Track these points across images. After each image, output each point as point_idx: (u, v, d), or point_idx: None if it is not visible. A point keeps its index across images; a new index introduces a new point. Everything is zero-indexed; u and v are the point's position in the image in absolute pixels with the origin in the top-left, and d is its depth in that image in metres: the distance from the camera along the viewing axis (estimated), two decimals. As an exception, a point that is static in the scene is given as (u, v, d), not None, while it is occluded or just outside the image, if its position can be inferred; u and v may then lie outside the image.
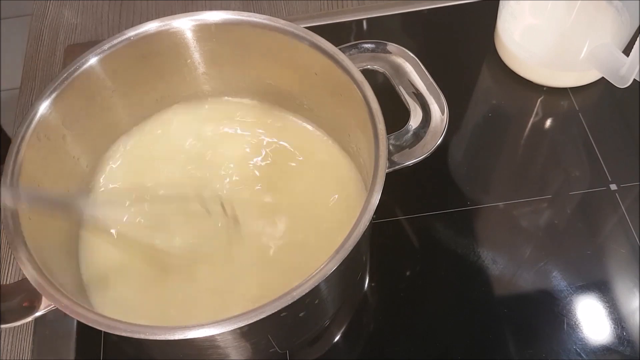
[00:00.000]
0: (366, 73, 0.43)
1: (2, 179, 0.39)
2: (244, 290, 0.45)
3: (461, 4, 0.66)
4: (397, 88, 0.46)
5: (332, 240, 0.38)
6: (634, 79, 0.51)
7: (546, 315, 0.48)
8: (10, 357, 0.49)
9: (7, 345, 0.49)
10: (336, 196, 0.48)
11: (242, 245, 0.46)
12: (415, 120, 0.44)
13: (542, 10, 0.57)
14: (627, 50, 0.52)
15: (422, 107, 0.44)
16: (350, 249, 0.35)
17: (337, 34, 0.66)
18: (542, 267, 0.50)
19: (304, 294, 0.34)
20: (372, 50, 0.47)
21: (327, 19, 0.66)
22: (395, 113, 0.43)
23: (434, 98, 0.44)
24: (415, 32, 0.66)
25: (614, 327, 0.47)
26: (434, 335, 0.48)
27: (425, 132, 0.43)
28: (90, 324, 0.35)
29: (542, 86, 0.59)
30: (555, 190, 0.54)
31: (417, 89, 0.45)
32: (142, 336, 0.34)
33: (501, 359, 0.46)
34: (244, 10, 0.46)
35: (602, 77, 0.55)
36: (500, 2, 0.59)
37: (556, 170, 0.55)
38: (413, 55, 0.47)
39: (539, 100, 0.59)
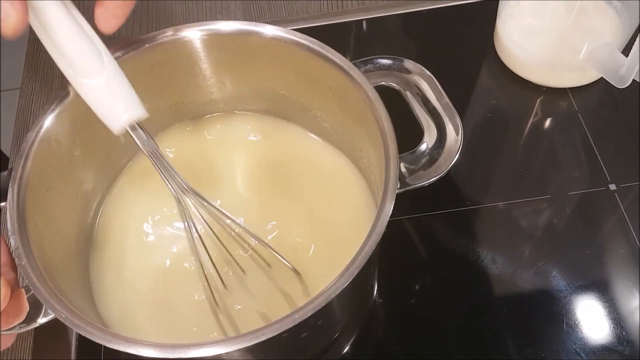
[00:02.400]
0: (381, 89, 0.43)
1: (10, 183, 0.39)
2: (253, 304, 0.45)
3: (461, 4, 0.66)
4: (411, 106, 0.45)
5: (338, 258, 0.38)
6: (634, 79, 0.51)
7: (546, 315, 0.48)
8: (10, 357, 0.49)
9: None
10: (345, 212, 0.48)
11: (250, 260, 0.46)
12: (429, 141, 0.43)
13: (542, 10, 0.57)
14: (626, 50, 0.52)
15: (437, 126, 0.43)
16: (351, 277, 0.34)
17: (338, 34, 0.66)
18: (541, 267, 0.50)
19: (305, 317, 0.33)
20: (388, 67, 0.46)
21: (327, 19, 0.66)
22: (409, 130, 0.43)
23: (449, 118, 0.43)
24: (415, 32, 0.66)
25: (614, 327, 0.47)
26: (434, 334, 0.48)
27: (439, 154, 0.42)
28: (89, 337, 0.34)
29: (542, 86, 0.60)
30: (555, 190, 0.54)
31: (432, 108, 0.44)
32: (142, 353, 0.33)
33: (501, 359, 0.46)
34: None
35: (602, 77, 0.55)
36: (500, 2, 0.59)
37: (556, 170, 0.55)
38: (429, 74, 0.46)
39: (538, 100, 0.59)
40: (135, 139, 0.40)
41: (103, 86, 0.39)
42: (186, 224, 0.41)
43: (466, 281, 0.50)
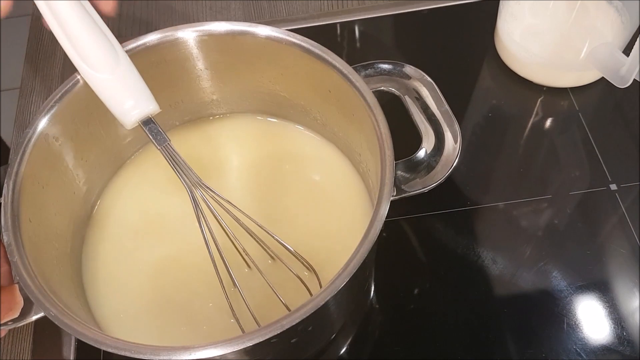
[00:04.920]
0: (382, 94, 0.42)
1: (5, 180, 0.39)
2: (261, 300, 0.44)
3: (461, 4, 0.66)
4: (410, 112, 0.45)
5: (336, 260, 0.38)
6: (634, 79, 0.51)
7: (546, 315, 0.48)
8: (10, 357, 0.49)
9: (7, 345, 0.49)
10: (345, 214, 0.48)
11: (258, 257, 0.45)
12: (427, 147, 0.43)
13: (542, 10, 0.57)
14: (627, 50, 0.52)
15: (435, 133, 0.43)
16: (341, 285, 0.34)
17: (338, 34, 0.66)
18: (542, 267, 0.50)
19: (293, 324, 0.33)
20: (389, 72, 0.46)
21: (327, 19, 0.66)
22: (408, 136, 0.43)
23: (448, 126, 0.43)
24: (416, 32, 0.66)
25: (614, 327, 0.47)
26: (434, 334, 0.48)
27: (436, 162, 0.42)
28: (77, 336, 0.34)
29: (542, 86, 0.59)
30: (555, 190, 0.54)
31: (431, 115, 0.44)
32: (126, 354, 0.33)
33: (501, 359, 0.46)
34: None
35: (602, 77, 0.55)
36: (500, 2, 0.59)
37: (556, 170, 0.55)
38: (430, 80, 0.46)
39: (539, 100, 0.59)
40: (148, 133, 0.41)
41: (116, 81, 0.40)
42: (200, 220, 0.41)
43: (466, 281, 0.50)
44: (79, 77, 0.42)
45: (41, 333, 0.49)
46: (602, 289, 0.49)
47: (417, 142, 0.43)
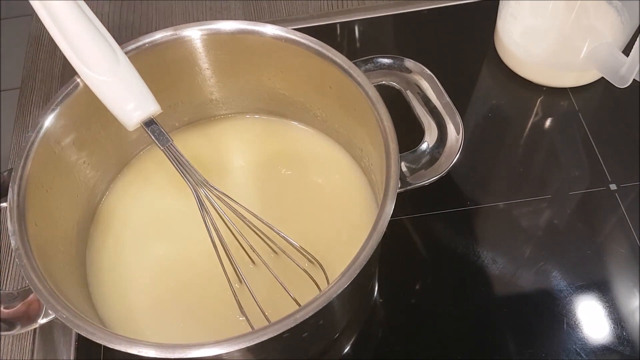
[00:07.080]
0: (382, 88, 0.43)
1: (10, 184, 0.39)
2: (268, 297, 0.44)
3: (461, 4, 0.66)
4: (412, 105, 0.45)
5: (341, 256, 0.38)
6: (634, 79, 0.51)
7: (546, 315, 0.48)
8: (10, 357, 0.49)
9: (8, 346, 0.49)
10: (346, 211, 0.48)
11: (264, 255, 0.45)
12: (430, 140, 0.43)
13: (542, 10, 0.57)
14: (627, 50, 0.52)
15: (437, 125, 0.43)
16: (353, 276, 0.34)
17: (338, 34, 0.66)
18: (542, 267, 0.50)
19: (306, 317, 0.33)
20: (389, 66, 0.46)
21: (327, 19, 0.66)
22: (410, 129, 0.43)
23: (450, 117, 0.43)
24: (416, 32, 0.66)
25: (614, 327, 0.47)
26: (433, 334, 0.48)
27: (439, 153, 0.42)
28: (90, 337, 0.35)
29: (542, 86, 0.59)
30: (555, 190, 0.54)
31: (433, 107, 0.44)
32: (142, 353, 0.34)
33: (501, 359, 0.46)
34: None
35: (602, 77, 0.55)
36: (500, 2, 0.59)
37: (556, 170, 0.55)
38: (430, 73, 0.46)
39: (539, 100, 0.59)
40: (150, 134, 0.41)
41: (116, 82, 0.40)
42: (206, 219, 0.41)
43: (466, 281, 0.50)
44: (78, 80, 0.42)
45: (41, 333, 0.49)
46: (602, 289, 0.49)
47: (419, 136, 0.43)
